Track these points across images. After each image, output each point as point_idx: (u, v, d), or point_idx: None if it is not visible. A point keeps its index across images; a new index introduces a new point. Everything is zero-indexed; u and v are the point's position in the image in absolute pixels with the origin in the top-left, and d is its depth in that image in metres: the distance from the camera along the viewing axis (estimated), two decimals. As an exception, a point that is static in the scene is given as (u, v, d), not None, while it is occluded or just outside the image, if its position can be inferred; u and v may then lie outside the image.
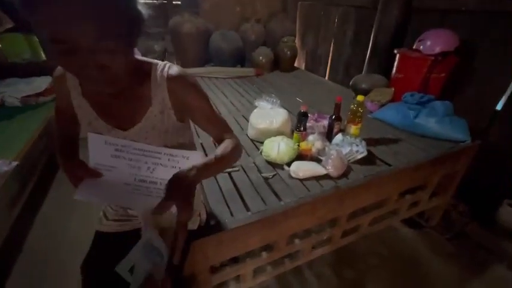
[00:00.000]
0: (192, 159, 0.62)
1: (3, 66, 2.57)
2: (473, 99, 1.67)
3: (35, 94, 2.12)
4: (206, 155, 1.18)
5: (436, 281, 1.40)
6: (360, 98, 1.29)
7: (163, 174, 0.63)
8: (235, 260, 1.05)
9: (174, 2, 4.10)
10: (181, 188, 0.50)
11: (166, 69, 0.63)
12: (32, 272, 1.38)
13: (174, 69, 0.64)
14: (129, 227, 0.77)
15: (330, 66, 2.97)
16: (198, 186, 0.57)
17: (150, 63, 0.64)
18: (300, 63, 3.48)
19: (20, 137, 1.61)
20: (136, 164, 0.63)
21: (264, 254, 1.07)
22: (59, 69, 0.65)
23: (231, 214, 0.92)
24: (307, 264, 1.44)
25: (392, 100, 1.76)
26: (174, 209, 0.49)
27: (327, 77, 3.03)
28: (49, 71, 2.35)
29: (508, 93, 1.53)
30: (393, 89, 1.79)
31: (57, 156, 0.67)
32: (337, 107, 1.28)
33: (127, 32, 0.49)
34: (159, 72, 0.63)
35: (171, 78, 0.63)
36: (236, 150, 0.68)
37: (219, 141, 0.71)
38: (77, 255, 0.76)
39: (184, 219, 0.49)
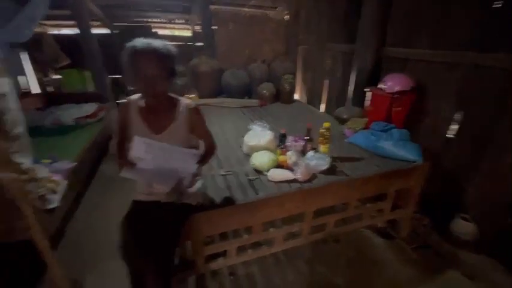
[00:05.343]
0: (195, 155, 1.09)
1: (61, 95, 3.29)
2: (429, 128, 2.03)
3: (85, 116, 2.73)
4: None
5: (396, 281, 1.65)
6: (326, 124, 1.69)
7: (174, 164, 1.08)
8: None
9: (197, 44, 4.90)
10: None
11: (188, 102, 1.16)
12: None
13: (193, 104, 1.18)
14: (152, 198, 1.19)
15: (326, 99, 3.44)
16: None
17: (178, 98, 1.18)
18: (301, 96, 3.98)
19: (75, 147, 2.15)
20: (158, 157, 1.07)
21: (245, 236, 1.44)
22: (123, 102, 1.15)
23: (220, 201, 1.32)
24: (287, 257, 1.75)
25: (365, 128, 2.15)
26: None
27: (323, 108, 3.48)
28: (94, 99, 3.02)
29: (455, 123, 1.88)
30: (366, 118, 2.19)
31: (116, 150, 1.14)
32: (308, 131, 1.70)
33: (169, 74, 1.06)
34: (183, 103, 1.15)
35: (190, 109, 1.15)
36: (214, 150, 1.30)
37: (207, 145, 1.28)
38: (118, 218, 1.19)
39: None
